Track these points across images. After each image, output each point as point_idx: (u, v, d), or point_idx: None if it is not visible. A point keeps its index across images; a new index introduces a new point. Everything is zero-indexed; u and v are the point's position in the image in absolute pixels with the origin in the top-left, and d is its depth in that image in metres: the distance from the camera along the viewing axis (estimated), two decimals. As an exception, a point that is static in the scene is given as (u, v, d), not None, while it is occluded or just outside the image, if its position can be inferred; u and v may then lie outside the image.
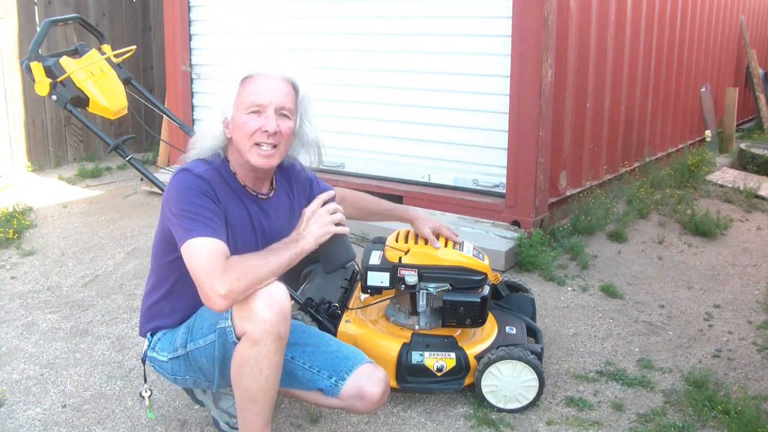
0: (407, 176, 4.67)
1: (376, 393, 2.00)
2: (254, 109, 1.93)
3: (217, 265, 1.77)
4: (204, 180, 1.90)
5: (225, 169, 2.01)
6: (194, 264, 1.79)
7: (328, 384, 2.04)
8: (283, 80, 1.97)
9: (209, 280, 1.76)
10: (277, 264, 1.85)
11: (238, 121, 1.94)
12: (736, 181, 5.80)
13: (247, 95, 1.94)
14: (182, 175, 1.92)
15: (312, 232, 1.95)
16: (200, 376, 2.06)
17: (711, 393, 2.60)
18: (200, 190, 1.88)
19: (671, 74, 6.26)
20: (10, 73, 6.02)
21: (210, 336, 1.93)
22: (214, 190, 1.91)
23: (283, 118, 1.96)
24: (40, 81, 2.55)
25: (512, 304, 2.89)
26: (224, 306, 1.78)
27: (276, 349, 1.82)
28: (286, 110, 1.96)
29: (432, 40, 4.42)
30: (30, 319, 3.28)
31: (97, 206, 5.19)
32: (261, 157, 1.94)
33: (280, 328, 1.81)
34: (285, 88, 1.97)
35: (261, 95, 1.93)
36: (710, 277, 3.97)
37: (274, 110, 1.93)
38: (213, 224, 1.85)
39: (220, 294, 1.75)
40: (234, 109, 1.96)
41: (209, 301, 1.78)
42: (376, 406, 2.03)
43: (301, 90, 2.02)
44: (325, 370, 2.06)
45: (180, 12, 5.53)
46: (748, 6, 8.74)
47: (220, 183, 1.96)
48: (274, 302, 1.80)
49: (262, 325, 1.79)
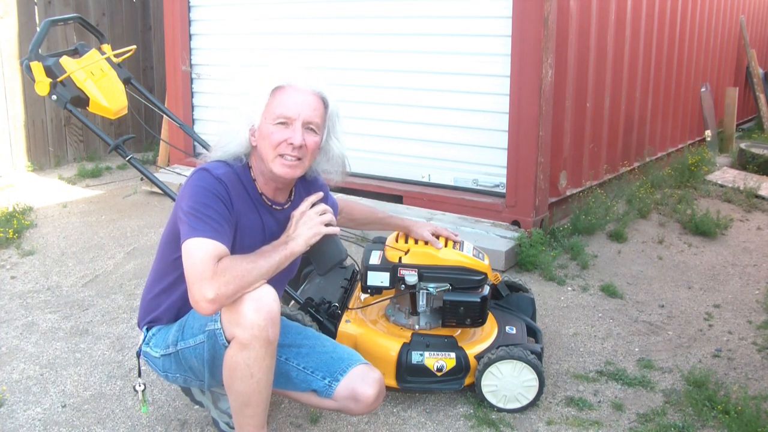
0: (407, 176, 4.67)
1: (370, 394, 2.00)
2: (282, 121, 1.92)
3: (208, 268, 1.76)
4: (221, 183, 1.90)
5: (245, 174, 2.01)
6: (188, 265, 1.79)
7: (322, 385, 2.03)
8: (313, 94, 1.96)
9: (198, 283, 1.75)
10: (266, 267, 1.84)
11: (265, 131, 1.94)
12: (736, 180, 5.79)
13: (276, 106, 1.93)
14: (201, 175, 1.91)
15: (302, 234, 1.93)
16: (191, 374, 2.06)
17: (711, 393, 2.60)
18: (215, 191, 1.88)
19: (671, 74, 6.26)
20: (10, 73, 6.02)
21: (199, 336, 1.93)
22: (229, 194, 1.90)
23: (310, 132, 1.96)
24: (40, 81, 2.56)
25: (512, 304, 2.89)
26: (211, 310, 1.77)
27: (266, 353, 1.82)
28: (313, 125, 1.96)
29: (432, 40, 4.42)
30: (30, 319, 3.28)
31: (97, 206, 5.19)
32: (284, 167, 1.94)
33: (268, 332, 1.80)
34: (315, 102, 1.96)
35: (290, 108, 1.92)
36: (710, 277, 3.97)
37: (301, 124, 1.93)
38: (218, 227, 1.84)
39: (207, 298, 1.74)
40: (262, 118, 1.95)
41: (196, 305, 1.77)
42: (370, 407, 2.02)
43: (331, 105, 2.02)
44: (319, 371, 2.05)
45: (180, 12, 5.53)
46: (748, 6, 8.74)
47: (237, 187, 1.95)
48: (262, 306, 1.79)
49: (250, 330, 1.78)
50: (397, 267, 2.50)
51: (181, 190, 1.94)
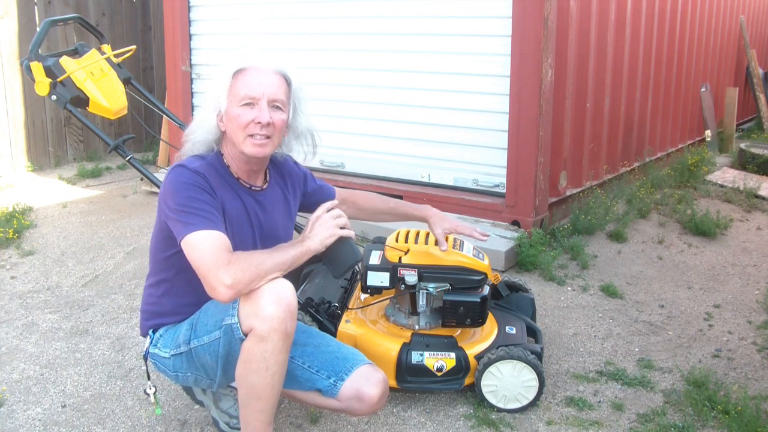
0: (407, 176, 4.67)
1: (374, 395, 2.00)
2: (247, 102, 1.95)
3: (221, 256, 1.78)
4: (199, 174, 1.92)
5: (219, 162, 2.03)
6: (197, 257, 1.80)
7: (327, 384, 2.04)
8: (275, 73, 1.99)
9: (214, 270, 1.76)
10: (281, 259, 1.85)
11: (232, 113, 1.96)
12: (736, 181, 5.79)
13: (240, 88, 1.96)
14: (178, 171, 1.93)
15: (318, 234, 1.96)
16: (202, 373, 2.06)
17: (711, 393, 2.60)
18: (196, 184, 1.90)
19: (671, 74, 6.26)
20: (10, 73, 6.02)
21: (215, 333, 1.93)
22: (210, 184, 1.93)
23: (276, 110, 1.98)
24: (40, 81, 2.56)
25: (512, 304, 2.89)
26: (229, 296, 1.78)
27: (283, 346, 1.83)
28: (278, 102, 1.99)
29: (432, 40, 4.42)
30: (30, 319, 3.28)
31: (97, 206, 5.19)
32: (255, 147, 1.96)
33: (287, 324, 1.81)
34: (277, 80, 1.99)
35: (254, 88, 1.95)
36: (710, 277, 3.97)
37: (266, 102, 1.96)
38: (212, 217, 1.86)
39: (225, 284, 1.75)
40: (228, 102, 1.98)
41: (213, 291, 1.78)
42: (374, 408, 2.03)
43: (294, 82, 2.04)
44: (324, 371, 2.06)
45: (180, 12, 5.53)
46: (748, 6, 8.74)
47: (215, 176, 1.98)
48: (282, 299, 1.80)
49: (269, 322, 1.79)
50: (397, 267, 2.50)
51: (162, 190, 1.95)
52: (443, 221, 2.50)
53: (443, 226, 2.49)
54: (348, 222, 2.03)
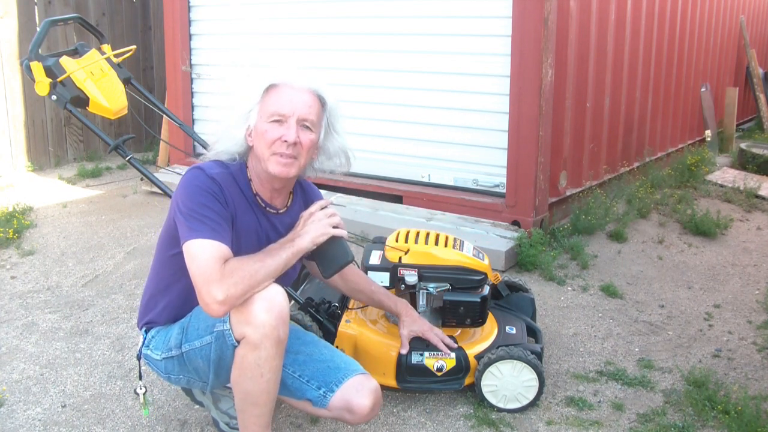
0: (407, 176, 4.67)
1: (365, 405, 1.96)
2: (276, 118, 1.91)
3: (215, 269, 1.76)
4: (215, 182, 1.89)
5: (241, 173, 2.00)
6: (193, 267, 1.79)
7: (317, 395, 2.01)
8: (309, 92, 1.95)
9: (207, 285, 1.75)
10: (274, 266, 1.84)
11: (260, 129, 1.93)
12: (736, 180, 5.80)
13: (271, 104, 1.92)
14: (194, 173, 1.91)
15: (309, 231, 1.93)
16: (194, 376, 2.05)
17: (711, 393, 2.60)
18: (209, 191, 1.87)
19: (671, 74, 6.26)
20: (10, 73, 6.02)
21: (206, 338, 1.92)
22: (223, 193, 1.90)
23: (305, 129, 1.94)
24: (40, 81, 2.55)
25: (512, 304, 2.89)
26: (222, 312, 1.77)
27: (276, 353, 1.82)
28: (308, 122, 1.94)
29: (432, 40, 4.42)
30: (30, 319, 3.28)
31: (97, 206, 5.19)
32: (279, 165, 1.92)
33: (279, 331, 1.80)
34: (310, 99, 1.95)
35: (284, 105, 1.91)
36: (710, 277, 3.97)
37: (296, 121, 1.92)
38: (217, 227, 1.83)
39: (217, 300, 1.74)
40: (257, 117, 1.95)
41: (206, 307, 1.77)
42: (366, 418, 1.99)
43: (329, 103, 2.01)
44: (314, 381, 2.03)
45: (180, 12, 5.53)
46: (748, 6, 8.74)
47: (232, 187, 1.95)
48: (273, 306, 1.79)
49: (261, 329, 1.78)
50: (397, 267, 2.50)
51: (177, 188, 1.94)
52: (414, 323, 2.45)
53: (412, 328, 2.44)
54: (341, 221, 2.00)
